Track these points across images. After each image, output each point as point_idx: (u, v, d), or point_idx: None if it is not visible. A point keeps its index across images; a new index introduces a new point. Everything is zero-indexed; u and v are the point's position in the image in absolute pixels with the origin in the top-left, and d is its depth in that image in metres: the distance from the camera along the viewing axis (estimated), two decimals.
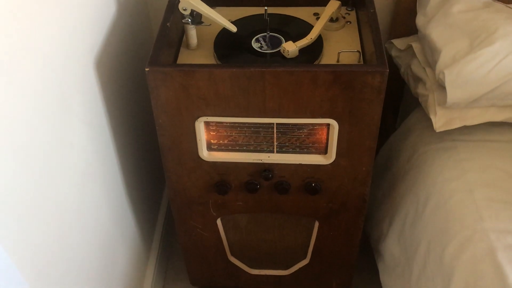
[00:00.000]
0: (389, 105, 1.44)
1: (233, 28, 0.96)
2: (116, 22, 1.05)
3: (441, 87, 1.03)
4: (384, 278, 1.19)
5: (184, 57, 0.98)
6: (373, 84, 0.85)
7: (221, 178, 1.03)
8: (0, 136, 0.62)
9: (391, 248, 1.16)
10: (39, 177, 0.73)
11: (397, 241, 1.14)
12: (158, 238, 1.42)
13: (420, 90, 1.12)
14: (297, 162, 0.99)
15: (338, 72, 0.84)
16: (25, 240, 0.69)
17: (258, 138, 0.97)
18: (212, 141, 0.98)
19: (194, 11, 0.94)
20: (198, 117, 0.92)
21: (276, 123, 0.94)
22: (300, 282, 1.31)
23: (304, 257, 1.25)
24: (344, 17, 1.05)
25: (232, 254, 1.26)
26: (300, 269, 1.27)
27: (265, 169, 1.01)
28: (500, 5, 1.09)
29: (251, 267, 1.29)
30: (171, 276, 1.48)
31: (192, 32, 0.98)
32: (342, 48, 0.98)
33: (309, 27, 1.00)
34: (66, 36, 0.82)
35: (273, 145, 0.98)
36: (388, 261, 1.17)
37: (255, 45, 0.98)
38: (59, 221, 0.80)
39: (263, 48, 0.97)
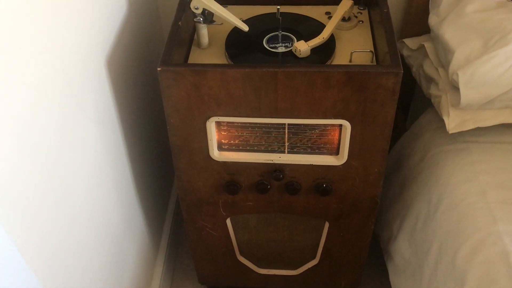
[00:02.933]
0: (400, 104, 1.43)
1: (245, 27, 0.95)
2: (127, 21, 1.05)
3: (454, 88, 1.02)
4: (394, 279, 1.18)
5: (195, 56, 0.97)
6: (387, 85, 0.84)
7: (232, 178, 1.03)
8: (11, 135, 0.62)
9: (402, 249, 1.15)
10: (49, 176, 0.72)
11: (408, 242, 1.13)
12: (166, 236, 1.42)
13: (433, 90, 1.11)
14: (308, 163, 0.99)
15: (352, 72, 0.83)
16: (35, 237, 0.69)
17: (269, 139, 0.97)
18: (223, 141, 0.98)
19: (206, 10, 0.93)
20: (210, 117, 0.92)
21: (288, 124, 0.94)
22: (308, 283, 1.31)
23: (313, 257, 1.24)
24: (356, 16, 1.04)
25: (241, 254, 1.26)
26: (309, 269, 1.27)
27: (276, 170, 1.00)
28: None
29: (259, 266, 1.29)
30: (179, 274, 1.48)
31: (204, 31, 0.97)
32: (354, 47, 0.97)
33: (321, 26, 0.99)
34: (78, 35, 0.81)
35: (284, 146, 0.98)
36: (398, 262, 1.17)
37: (268, 45, 0.97)
38: (70, 220, 0.80)
39: (277, 48, 0.96)
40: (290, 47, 0.96)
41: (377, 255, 1.34)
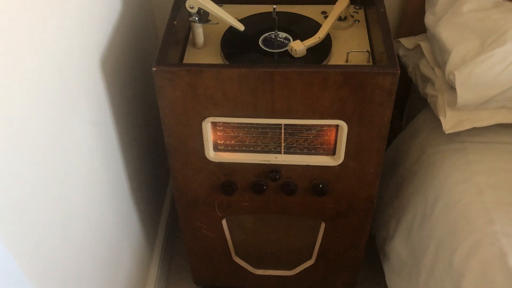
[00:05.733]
0: (395, 104, 1.43)
1: (241, 27, 0.94)
2: (121, 20, 1.04)
3: (451, 88, 1.02)
4: (390, 280, 1.18)
5: (191, 56, 0.97)
6: (384, 85, 0.84)
7: (227, 179, 1.02)
8: (5, 135, 0.61)
9: (398, 249, 1.15)
10: (43, 176, 0.72)
11: (404, 243, 1.13)
12: (161, 237, 1.42)
13: (429, 90, 1.10)
14: (305, 164, 0.98)
15: (349, 73, 0.83)
16: (29, 239, 0.68)
17: (265, 139, 0.96)
18: (218, 141, 0.97)
19: (201, 9, 0.92)
20: (205, 117, 0.91)
21: (284, 124, 0.93)
22: (304, 283, 1.31)
23: (309, 257, 1.24)
24: (352, 16, 1.04)
25: (237, 254, 1.25)
26: (305, 269, 1.26)
27: (272, 170, 1.00)
28: (511, 5, 1.07)
29: (255, 267, 1.29)
30: (174, 275, 1.47)
31: (199, 30, 0.96)
32: (350, 47, 0.96)
33: (317, 25, 0.98)
34: (72, 35, 0.80)
35: (280, 146, 0.97)
36: (394, 262, 1.16)
37: (262, 44, 0.96)
38: (64, 220, 0.79)
39: (271, 46, 0.96)
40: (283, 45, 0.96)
41: (373, 256, 1.34)
